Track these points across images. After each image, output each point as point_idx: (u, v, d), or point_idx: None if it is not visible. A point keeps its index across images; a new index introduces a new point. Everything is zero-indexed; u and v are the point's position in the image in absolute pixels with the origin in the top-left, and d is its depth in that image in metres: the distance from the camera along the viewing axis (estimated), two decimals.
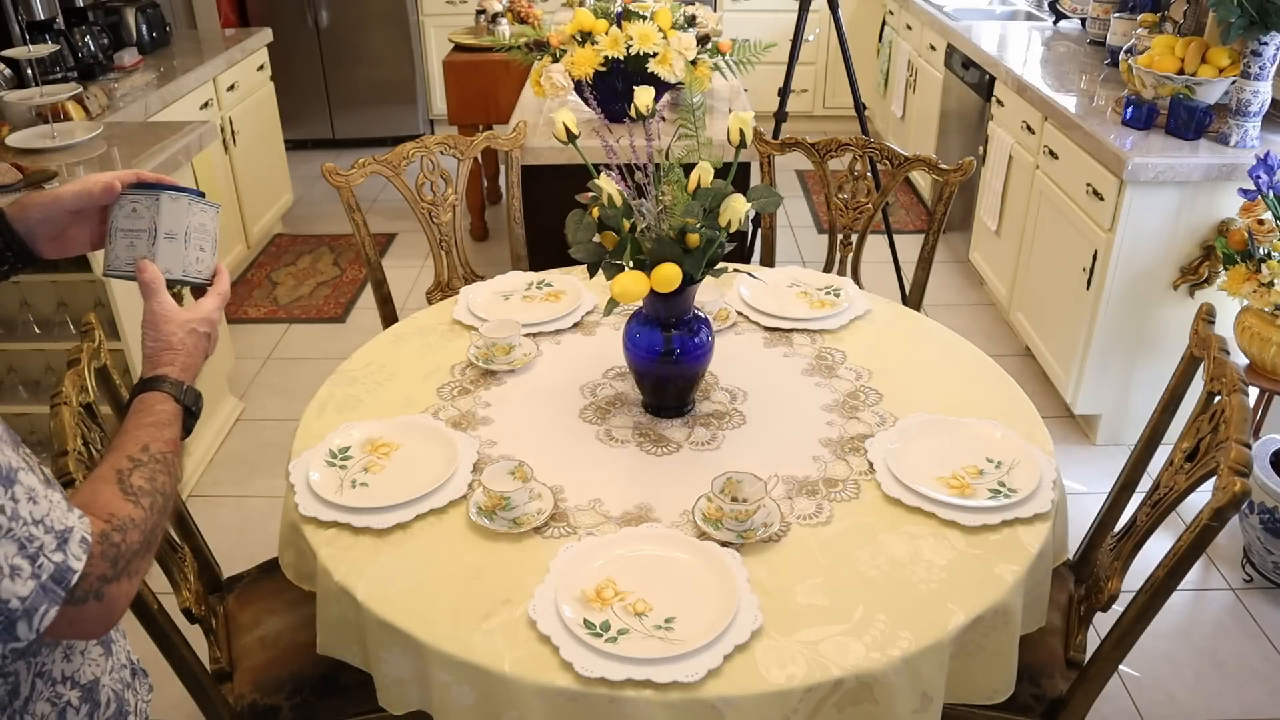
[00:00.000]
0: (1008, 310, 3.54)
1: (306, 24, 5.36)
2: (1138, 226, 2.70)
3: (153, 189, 1.17)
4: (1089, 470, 2.91)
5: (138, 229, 1.16)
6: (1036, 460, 1.55)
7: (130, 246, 1.16)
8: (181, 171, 2.85)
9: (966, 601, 1.31)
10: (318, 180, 5.14)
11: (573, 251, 1.58)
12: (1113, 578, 1.58)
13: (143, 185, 1.17)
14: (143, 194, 1.17)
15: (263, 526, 2.73)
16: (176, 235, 1.17)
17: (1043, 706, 1.57)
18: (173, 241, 1.17)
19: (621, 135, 2.60)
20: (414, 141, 2.39)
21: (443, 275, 2.45)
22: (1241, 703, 2.20)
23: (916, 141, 4.76)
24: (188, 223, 1.18)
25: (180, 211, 1.18)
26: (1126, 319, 2.84)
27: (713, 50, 2.71)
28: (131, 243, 1.16)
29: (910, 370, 1.84)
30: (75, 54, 3.49)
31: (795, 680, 1.20)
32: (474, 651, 1.24)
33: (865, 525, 1.45)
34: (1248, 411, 1.43)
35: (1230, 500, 1.26)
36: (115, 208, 1.17)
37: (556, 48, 2.69)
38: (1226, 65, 2.78)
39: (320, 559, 1.39)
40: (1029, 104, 3.29)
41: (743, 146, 1.61)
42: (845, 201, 2.44)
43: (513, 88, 3.99)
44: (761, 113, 2.95)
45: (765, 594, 1.32)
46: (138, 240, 1.16)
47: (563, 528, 1.45)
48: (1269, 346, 2.46)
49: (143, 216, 1.16)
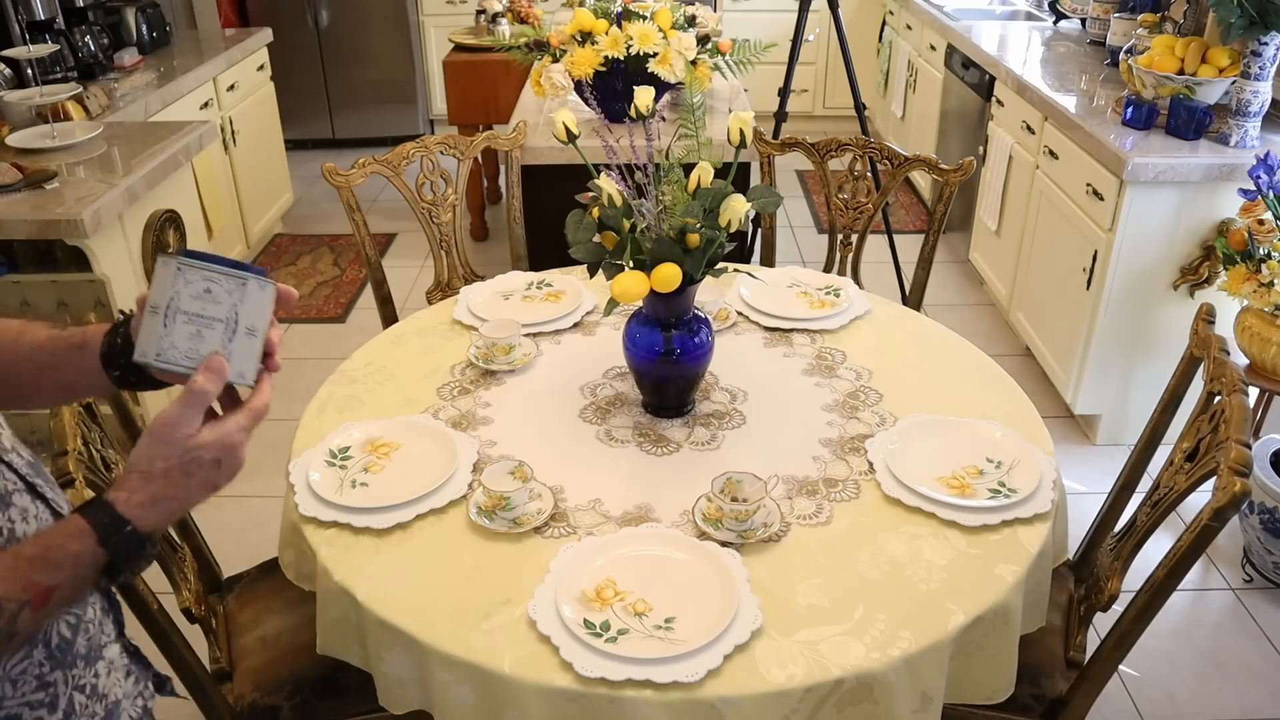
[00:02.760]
0: (1008, 310, 3.54)
1: (306, 24, 5.36)
2: (1138, 226, 2.70)
3: (220, 263, 0.94)
4: (1089, 470, 2.91)
5: (210, 316, 0.93)
6: (1036, 460, 1.55)
7: (196, 336, 0.92)
8: (182, 172, 2.85)
9: (966, 601, 1.31)
10: (318, 180, 5.13)
11: (573, 251, 1.58)
12: (1113, 578, 1.58)
13: (194, 254, 0.94)
14: (219, 271, 0.93)
15: (263, 526, 2.73)
16: (257, 331, 0.95)
17: (1043, 706, 1.57)
18: (252, 340, 0.95)
19: (621, 135, 2.60)
20: (414, 141, 2.38)
21: (443, 275, 2.45)
22: (1241, 703, 2.20)
23: (916, 141, 4.76)
24: (269, 316, 0.96)
25: (266, 302, 0.95)
26: (1126, 319, 2.84)
27: (713, 50, 2.71)
28: (199, 332, 0.93)
29: (910, 370, 1.84)
30: (75, 54, 3.49)
31: (795, 680, 1.20)
32: (474, 651, 1.24)
33: (865, 525, 1.45)
34: (1248, 411, 1.43)
35: (1230, 500, 1.26)
36: (171, 279, 0.93)
37: (556, 48, 2.69)
38: (1226, 65, 2.78)
39: (320, 559, 1.39)
40: (1029, 104, 3.29)
41: (743, 146, 1.61)
42: (845, 201, 2.44)
43: (513, 88, 3.99)
44: (761, 113, 2.95)
45: (765, 594, 1.32)
46: (208, 330, 0.93)
47: (563, 528, 1.45)
48: (1269, 346, 2.46)
49: (220, 301, 0.93)
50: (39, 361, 1.04)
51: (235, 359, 0.93)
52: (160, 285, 0.93)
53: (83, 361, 1.03)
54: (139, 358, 0.93)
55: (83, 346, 1.03)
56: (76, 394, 1.13)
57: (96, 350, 1.02)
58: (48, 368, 1.05)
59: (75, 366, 1.04)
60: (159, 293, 0.93)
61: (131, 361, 0.97)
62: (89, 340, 1.03)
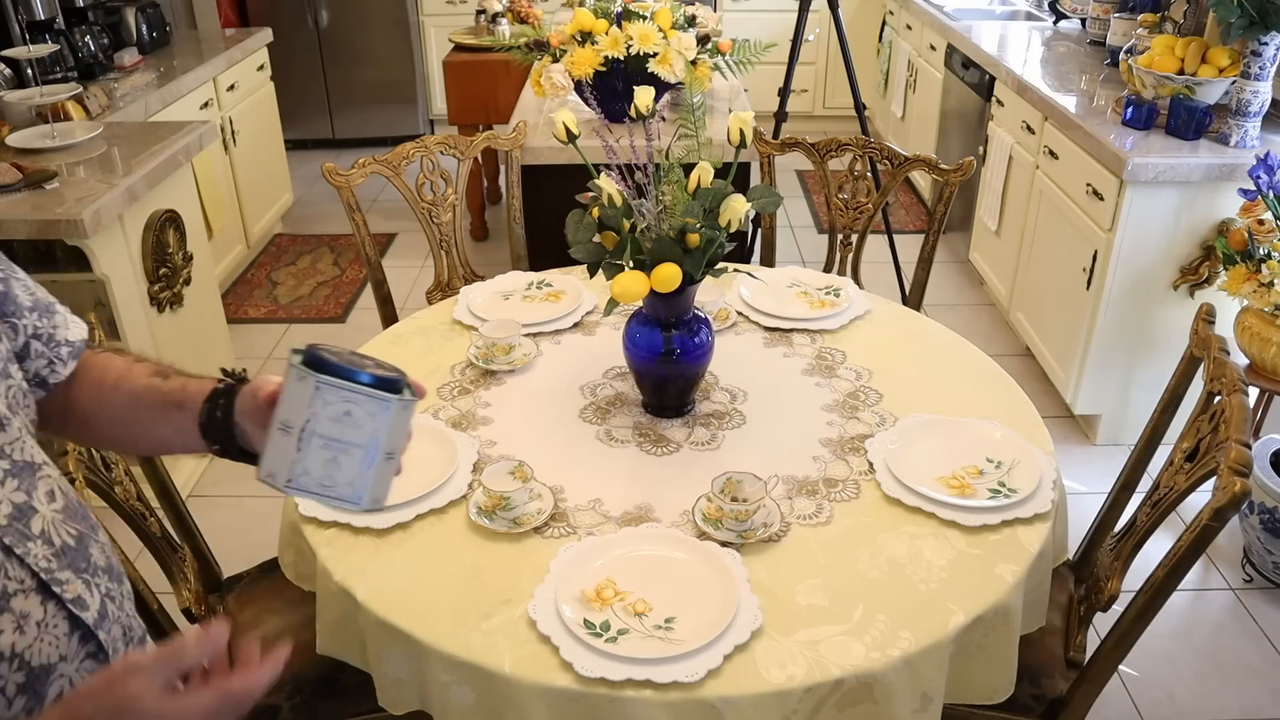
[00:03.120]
0: (1008, 310, 3.54)
1: (306, 24, 5.36)
2: (1138, 226, 2.70)
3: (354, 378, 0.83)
4: (1089, 470, 2.91)
5: (349, 441, 0.83)
6: (1036, 460, 1.55)
7: (333, 463, 0.83)
8: (182, 172, 2.85)
9: (966, 601, 1.31)
10: (318, 180, 5.13)
11: (573, 251, 1.58)
12: (1113, 578, 1.58)
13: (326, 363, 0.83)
14: (362, 393, 0.83)
15: (263, 526, 2.72)
16: (396, 454, 0.87)
17: (1043, 706, 1.57)
18: (389, 464, 0.86)
19: (621, 135, 2.60)
20: (414, 141, 2.38)
21: (443, 275, 2.45)
22: (1241, 703, 2.20)
23: (916, 141, 4.76)
24: (408, 433, 0.88)
25: (407, 421, 0.87)
26: (1126, 319, 2.84)
27: (713, 50, 2.71)
28: (336, 458, 0.83)
29: (910, 370, 1.84)
30: (75, 54, 3.49)
31: (795, 680, 1.20)
32: (474, 651, 1.24)
33: (865, 525, 1.45)
34: (1248, 411, 1.43)
35: (1230, 500, 1.26)
36: (309, 399, 0.82)
37: (556, 48, 2.69)
38: (1226, 65, 2.78)
39: (320, 559, 1.39)
40: (1029, 104, 3.29)
41: (743, 146, 1.61)
42: (845, 201, 2.44)
43: (513, 88, 3.99)
44: (761, 113, 2.95)
45: (765, 594, 1.32)
46: (345, 458, 0.83)
47: (563, 528, 1.45)
48: (1269, 346, 2.46)
49: (360, 425, 0.83)
50: (136, 413, 1.01)
51: (371, 487, 0.85)
52: (293, 402, 0.83)
53: (180, 422, 0.98)
54: (265, 478, 0.85)
55: (181, 406, 0.98)
56: (174, 451, 1.07)
57: (195, 415, 0.97)
58: (145, 421, 1.01)
59: (172, 425, 1.00)
60: (292, 410, 0.83)
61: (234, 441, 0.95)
62: (187, 401, 0.98)
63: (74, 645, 0.88)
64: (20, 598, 0.83)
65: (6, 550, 0.83)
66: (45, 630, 0.85)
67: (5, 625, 0.82)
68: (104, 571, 0.93)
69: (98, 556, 0.93)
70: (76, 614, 0.87)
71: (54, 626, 0.86)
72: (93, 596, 0.90)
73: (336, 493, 0.84)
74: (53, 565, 0.86)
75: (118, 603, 0.94)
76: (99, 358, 1.05)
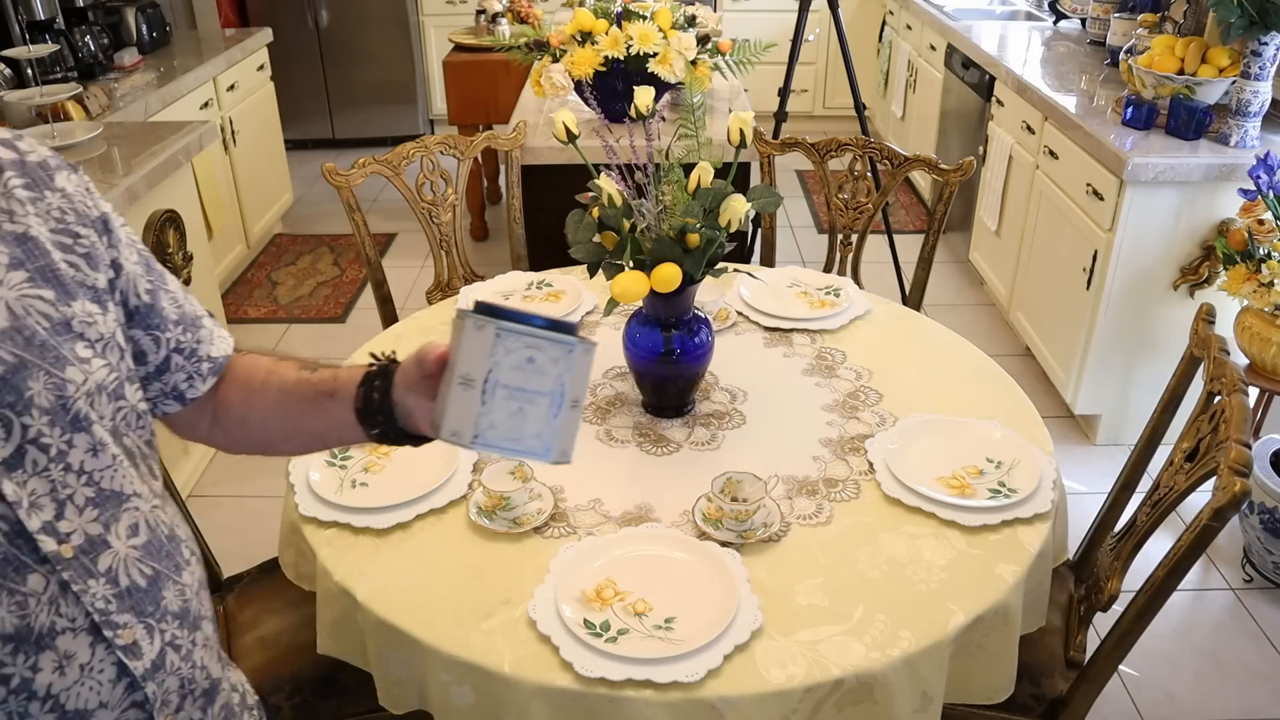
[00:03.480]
0: (1008, 310, 3.54)
1: (306, 24, 5.36)
2: (1138, 226, 2.70)
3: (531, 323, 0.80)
4: (1089, 470, 2.91)
5: (534, 390, 0.81)
6: (1036, 460, 1.55)
7: (519, 415, 0.81)
8: (182, 172, 2.85)
9: (966, 601, 1.31)
10: (318, 180, 5.13)
11: (573, 251, 1.58)
12: (1113, 578, 1.58)
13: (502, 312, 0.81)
14: (543, 336, 0.80)
15: (263, 526, 2.72)
16: (580, 403, 0.85)
17: (1043, 706, 1.57)
18: (574, 413, 0.84)
19: (621, 135, 2.60)
20: (414, 141, 2.38)
21: (443, 275, 2.45)
22: (1241, 703, 2.20)
23: (916, 141, 4.76)
24: (587, 383, 0.85)
25: (588, 369, 0.84)
26: (1126, 319, 2.84)
27: (713, 50, 2.71)
28: (522, 409, 0.81)
29: (910, 370, 1.84)
30: (75, 54, 3.49)
31: (795, 680, 1.20)
32: (474, 651, 1.24)
33: (865, 525, 1.45)
34: (1248, 411, 1.43)
35: (1230, 500, 1.26)
36: (489, 347, 0.80)
37: (556, 48, 2.69)
38: (1226, 65, 2.78)
39: (320, 559, 1.39)
40: (1029, 104, 3.29)
41: (743, 146, 1.61)
42: (845, 201, 2.44)
43: (513, 88, 3.99)
44: (761, 113, 2.95)
45: (765, 594, 1.32)
46: (531, 407, 0.81)
47: (563, 528, 1.45)
48: (1269, 346, 2.46)
49: (544, 372, 0.81)
50: (287, 407, 0.98)
51: (559, 438, 0.83)
52: (472, 352, 0.80)
53: (335, 411, 0.96)
54: (448, 437, 0.81)
55: (334, 395, 0.96)
56: (329, 444, 1.04)
57: (350, 402, 0.95)
58: (296, 414, 0.98)
59: (326, 416, 0.97)
60: (472, 362, 0.79)
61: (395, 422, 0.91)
62: (340, 388, 0.96)
63: (118, 693, 0.84)
64: (67, 637, 0.81)
65: (63, 586, 0.80)
66: (88, 674, 0.82)
67: (45, 664, 0.80)
68: (175, 617, 0.89)
69: (171, 600, 0.89)
70: (125, 665, 0.84)
71: (99, 671, 0.83)
72: (152, 644, 0.87)
73: (524, 446, 0.82)
74: (111, 607, 0.83)
75: (183, 652, 0.90)
76: (245, 359, 1.03)
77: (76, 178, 0.89)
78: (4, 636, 0.78)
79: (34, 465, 0.78)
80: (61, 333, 0.82)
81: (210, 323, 1.01)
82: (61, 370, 0.81)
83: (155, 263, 0.97)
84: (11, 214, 0.82)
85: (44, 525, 0.79)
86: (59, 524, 0.80)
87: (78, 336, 0.83)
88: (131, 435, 0.89)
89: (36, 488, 0.79)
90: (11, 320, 0.78)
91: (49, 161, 0.87)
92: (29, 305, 0.80)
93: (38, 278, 0.81)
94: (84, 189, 0.89)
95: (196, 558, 0.96)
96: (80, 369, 0.82)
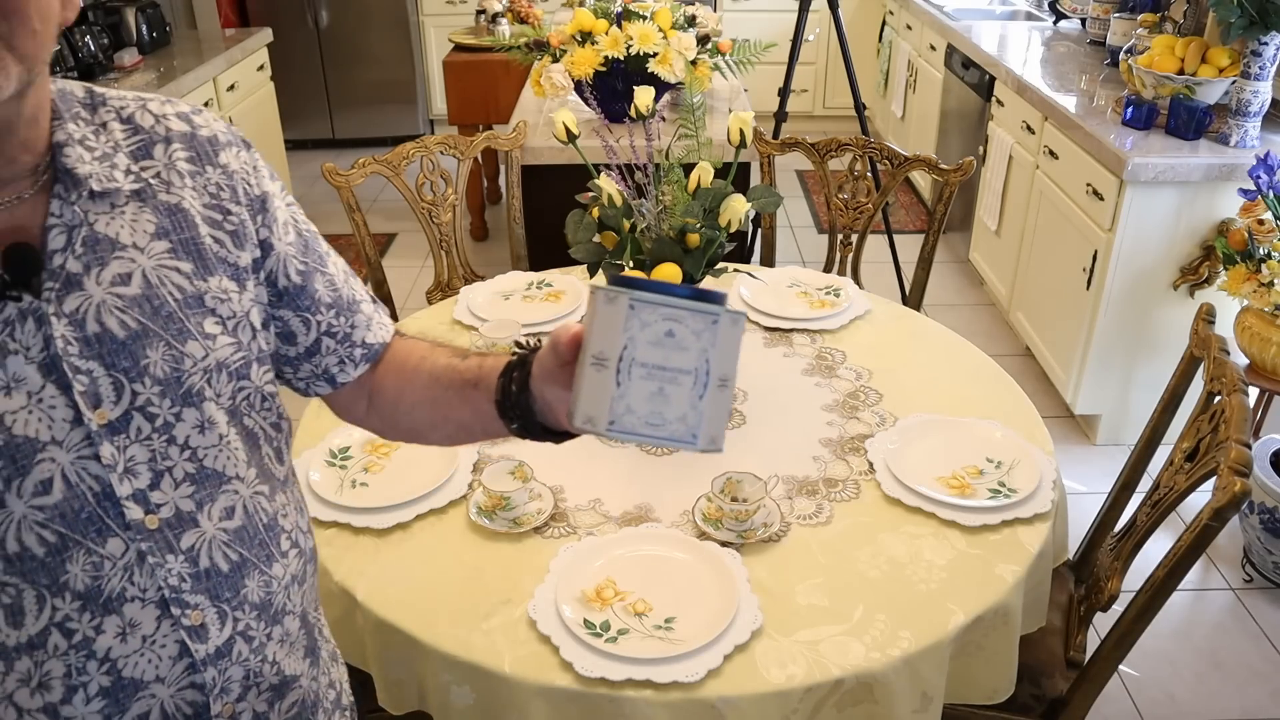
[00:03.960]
0: (1008, 310, 3.54)
1: (306, 24, 5.36)
2: (1138, 226, 2.70)
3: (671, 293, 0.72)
4: (1089, 470, 2.91)
5: (675, 367, 0.72)
6: (1036, 460, 1.55)
7: (659, 396, 0.72)
8: None
9: (966, 601, 1.31)
10: (318, 180, 5.13)
11: (573, 251, 1.58)
12: (1113, 578, 1.58)
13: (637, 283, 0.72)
14: (684, 306, 0.71)
15: None
16: (729, 382, 0.74)
17: (1043, 706, 1.57)
18: (723, 394, 0.74)
19: (621, 135, 2.60)
20: (414, 141, 2.38)
21: (443, 275, 2.45)
22: (1241, 703, 2.20)
23: (916, 141, 4.76)
24: (738, 360, 0.75)
25: (736, 342, 0.74)
26: (1126, 319, 2.84)
27: (713, 50, 2.71)
28: (662, 389, 0.72)
29: (910, 370, 1.84)
30: (75, 54, 3.49)
31: (795, 680, 1.20)
32: (474, 651, 1.24)
33: (865, 525, 1.45)
34: (1248, 411, 1.43)
35: (1230, 500, 1.26)
36: (622, 321, 0.71)
37: (556, 48, 2.69)
38: (1226, 65, 2.78)
39: (320, 559, 1.39)
40: (1029, 104, 3.29)
41: (743, 146, 1.61)
42: (845, 201, 2.44)
43: (513, 88, 3.99)
44: (761, 113, 2.95)
45: (765, 594, 1.32)
46: (673, 387, 0.72)
47: (563, 528, 1.45)
48: (1269, 346, 2.46)
49: (686, 347, 0.72)
50: (435, 395, 0.95)
51: (706, 422, 0.73)
52: (605, 330, 0.72)
53: (478, 402, 0.91)
54: (583, 425, 0.74)
55: (477, 385, 0.91)
56: (474, 436, 0.98)
57: (491, 393, 0.89)
58: (443, 403, 0.95)
59: (470, 407, 0.92)
60: (605, 339, 0.71)
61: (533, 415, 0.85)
62: (484, 378, 0.91)
63: (177, 671, 0.84)
64: (135, 605, 0.81)
65: (141, 556, 0.80)
66: (149, 646, 0.83)
67: (109, 627, 0.81)
68: (253, 608, 0.88)
69: (253, 590, 0.88)
70: (186, 645, 0.84)
71: (160, 646, 0.83)
72: (222, 630, 0.86)
73: (667, 431, 0.72)
74: (185, 585, 0.83)
75: (254, 644, 0.89)
76: (403, 343, 1.02)
77: (246, 155, 0.90)
78: (74, 592, 0.79)
79: (138, 432, 0.79)
80: (192, 306, 0.82)
81: (370, 309, 1.00)
82: (182, 344, 0.81)
83: (318, 245, 0.96)
84: (169, 185, 0.83)
85: (135, 493, 0.80)
86: (151, 494, 0.80)
87: (209, 312, 0.83)
88: (254, 416, 0.89)
89: (136, 454, 0.79)
90: (145, 288, 0.80)
91: (220, 137, 0.88)
92: (164, 275, 0.81)
93: (179, 249, 0.82)
94: (250, 167, 0.89)
95: (298, 551, 0.95)
96: (202, 344, 0.82)
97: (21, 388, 0.75)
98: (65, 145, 0.78)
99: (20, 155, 0.77)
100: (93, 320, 0.77)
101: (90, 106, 0.83)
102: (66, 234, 0.77)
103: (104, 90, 0.85)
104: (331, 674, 1.05)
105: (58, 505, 0.77)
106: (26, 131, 0.76)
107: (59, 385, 0.76)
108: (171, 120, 0.86)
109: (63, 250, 0.77)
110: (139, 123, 0.84)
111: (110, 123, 0.83)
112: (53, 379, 0.76)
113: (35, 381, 0.75)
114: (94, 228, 0.79)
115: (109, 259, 0.79)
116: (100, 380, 0.77)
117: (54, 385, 0.76)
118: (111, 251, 0.79)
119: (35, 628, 0.79)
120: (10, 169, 0.76)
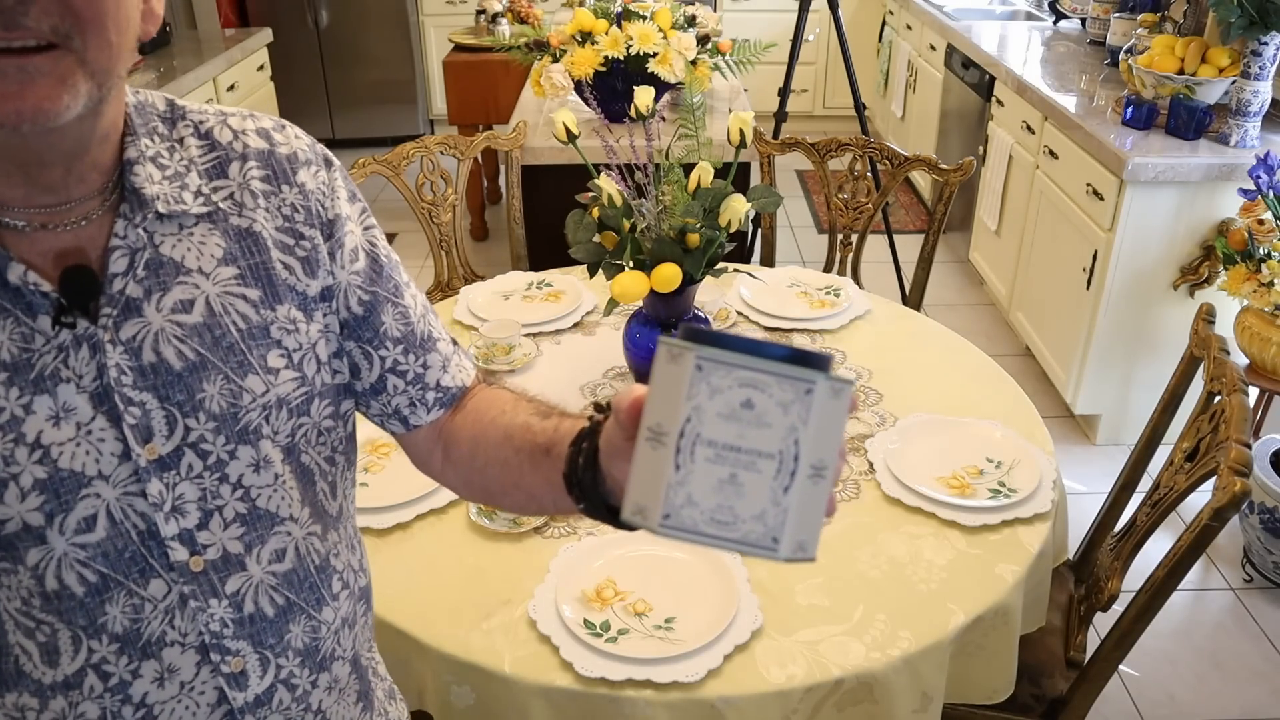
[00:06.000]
0: (1008, 310, 3.54)
1: (306, 24, 5.36)
2: (1138, 226, 2.70)
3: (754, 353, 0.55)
4: (1089, 470, 2.91)
5: (753, 449, 0.55)
6: (1036, 460, 1.55)
7: (730, 484, 0.55)
8: None
9: (966, 601, 1.31)
10: None
11: (573, 251, 1.58)
12: (1113, 578, 1.58)
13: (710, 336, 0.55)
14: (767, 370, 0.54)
15: None
16: (826, 470, 0.57)
17: (1043, 706, 1.57)
18: (818, 485, 0.56)
19: (621, 135, 2.60)
20: (414, 141, 2.38)
21: (443, 275, 2.45)
22: (1241, 703, 2.20)
23: (916, 141, 4.76)
24: (842, 440, 0.58)
25: (839, 418, 0.57)
26: (1126, 319, 2.84)
27: (713, 50, 2.70)
28: (734, 475, 0.55)
29: (910, 370, 1.84)
30: None
31: (795, 680, 1.20)
32: (474, 651, 1.24)
33: (865, 525, 1.45)
34: (1248, 411, 1.43)
35: (1230, 500, 1.26)
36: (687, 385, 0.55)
37: (556, 48, 2.69)
38: (1226, 65, 2.78)
39: None
40: (1029, 104, 3.29)
41: (743, 146, 1.61)
42: (845, 201, 2.44)
43: (513, 88, 3.99)
44: (761, 113, 2.95)
45: (765, 594, 1.32)
46: (750, 474, 0.55)
47: (563, 527, 1.45)
48: (1269, 346, 2.46)
49: (769, 422, 0.55)
50: (505, 456, 0.83)
51: (792, 523, 0.55)
52: (666, 396, 0.56)
53: (549, 472, 0.78)
54: (631, 516, 0.58)
55: (549, 451, 0.78)
56: (545, 510, 0.83)
57: (561, 462, 0.76)
58: (514, 466, 0.82)
59: (540, 475, 0.79)
60: (664, 408, 0.56)
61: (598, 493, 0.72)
62: (556, 445, 0.77)
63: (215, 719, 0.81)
64: (175, 650, 0.78)
65: (183, 599, 0.77)
66: (187, 693, 0.80)
67: (146, 671, 0.78)
68: (298, 654, 0.84)
69: (298, 636, 0.84)
70: (224, 692, 0.81)
71: (199, 693, 0.80)
72: (263, 678, 0.82)
73: (739, 532, 0.55)
74: (227, 631, 0.79)
75: (298, 693, 0.85)
76: (487, 392, 0.91)
77: (325, 174, 0.84)
78: (112, 634, 0.76)
79: (188, 469, 0.75)
80: (257, 337, 0.78)
81: (449, 349, 0.91)
82: (242, 378, 0.77)
83: (396, 274, 0.88)
84: (241, 207, 0.79)
85: (181, 533, 0.76)
86: (199, 534, 0.76)
87: (274, 344, 0.78)
88: (311, 452, 0.83)
89: (185, 492, 0.75)
90: (206, 316, 0.76)
91: (300, 154, 0.83)
92: (229, 303, 0.77)
93: (248, 275, 0.78)
94: (328, 187, 0.83)
95: (349, 593, 0.90)
96: (263, 379, 0.78)
97: (71, 418, 0.71)
98: (135, 163, 0.74)
99: (90, 174, 0.73)
100: (149, 349, 0.73)
101: (169, 121, 0.79)
102: (129, 257, 0.73)
103: (185, 103, 0.81)
104: (390, 714, 1.00)
105: (100, 544, 0.73)
106: (98, 150, 0.73)
107: (109, 417, 0.72)
108: (250, 137, 0.81)
109: (124, 274, 0.73)
110: (216, 138, 0.80)
111: (187, 138, 0.79)
112: (104, 410, 0.72)
113: (85, 412, 0.72)
114: (159, 250, 0.75)
115: (171, 284, 0.75)
116: (153, 413, 0.73)
117: (104, 417, 0.72)
118: (175, 276, 0.75)
119: (71, 668, 0.76)
120: (80, 188, 0.72)
